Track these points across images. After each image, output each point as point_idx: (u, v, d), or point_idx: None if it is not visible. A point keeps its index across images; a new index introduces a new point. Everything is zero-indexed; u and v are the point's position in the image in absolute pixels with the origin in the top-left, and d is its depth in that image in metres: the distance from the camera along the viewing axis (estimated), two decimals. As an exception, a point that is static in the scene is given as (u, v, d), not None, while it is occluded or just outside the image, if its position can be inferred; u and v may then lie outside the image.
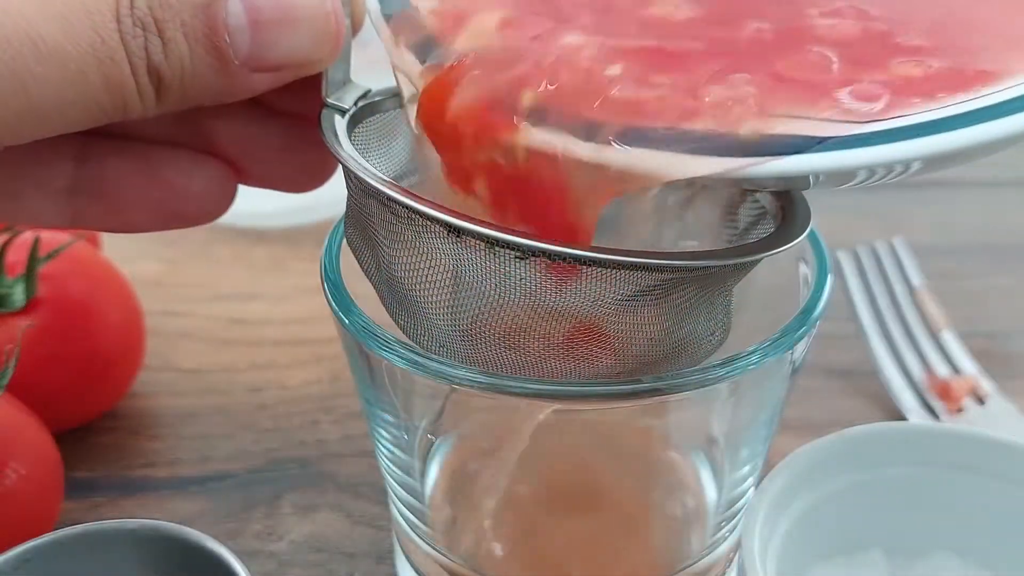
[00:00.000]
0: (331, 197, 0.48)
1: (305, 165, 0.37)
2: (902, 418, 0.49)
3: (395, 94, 0.34)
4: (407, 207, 0.29)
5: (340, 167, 0.31)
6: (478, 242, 0.28)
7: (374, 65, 0.34)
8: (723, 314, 0.32)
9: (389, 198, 0.29)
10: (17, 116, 0.28)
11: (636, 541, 0.38)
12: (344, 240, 0.37)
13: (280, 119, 0.36)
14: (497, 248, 0.28)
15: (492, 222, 0.29)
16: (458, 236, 0.28)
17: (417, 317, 0.31)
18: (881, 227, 0.62)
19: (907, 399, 0.50)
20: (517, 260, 0.28)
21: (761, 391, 0.35)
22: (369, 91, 0.34)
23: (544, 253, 0.28)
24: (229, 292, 0.60)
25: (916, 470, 0.35)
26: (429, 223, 0.29)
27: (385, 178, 0.30)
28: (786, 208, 0.32)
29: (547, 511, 0.37)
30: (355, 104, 0.34)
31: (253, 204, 0.63)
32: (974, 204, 0.69)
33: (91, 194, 0.35)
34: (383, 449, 0.38)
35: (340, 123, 0.33)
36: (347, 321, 0.33)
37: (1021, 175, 0.72)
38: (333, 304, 0.34)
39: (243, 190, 0.38)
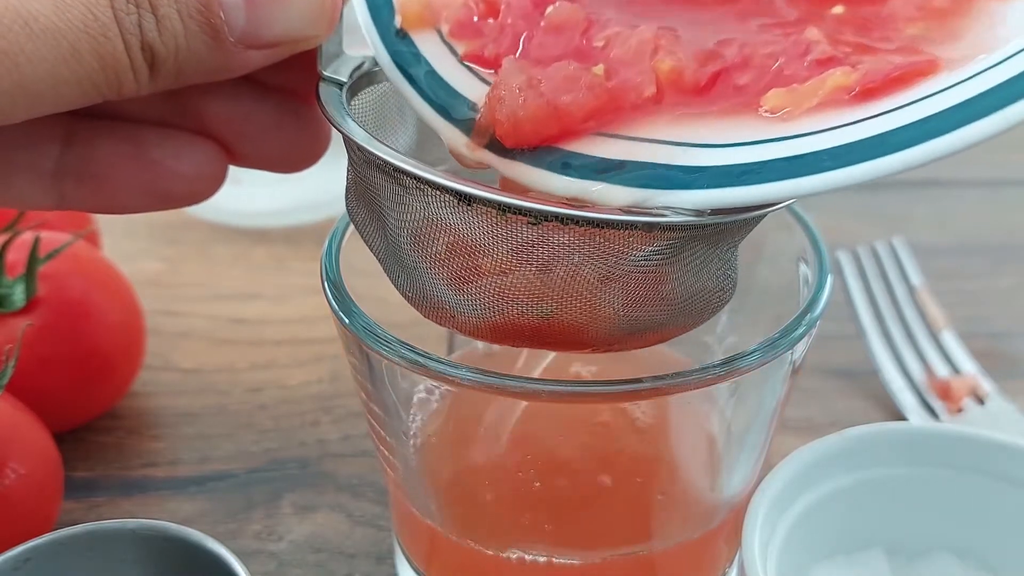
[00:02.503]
0: (331, 197, 0.48)
1: (296, 143, 0.36)
2: (902, 418, 0.49)
3: None
4: (416, 177, 0.29)
5: (331, 145, 0.31)
6: (489, 209, 0.28)
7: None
8: (732, 270, 0.32)
9: (396, 168, 0.29)
10: (9, 95, 0.28)
11: (636, 540, 0.38)
12: (344, 240, 0.37)
13: (271, 96, 0.36)
14: (508, 214, 0.28)
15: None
16: (469, 204, 0.28)
17: (426, 288, 0.31)
18: (881, 227, 0.62)
19: (907, 399, 0.50)
20: (529, 225, 0.28)
21: (761, 391, 0.35)
22: (364, 63, 0.34)
23: (555, 217, 0.28)
24: (229, 292, 0.60)
25: (916, 470, 0.35)
26: (438, 192, 0.29)
27: (391, 148, 0.30)
28: None
29: (546, 509, 0.37)
30: (351, 76, 0.33)
31: (254, 204, 0.64)
32: (974, 204, 0.69)
33: (79, 176, 0.35)
34: (383, 449, 0.38)
35: (339, 96, 0.32)
36: (347, 321, 0.33)
37: (1021, 175, 0.72)
38: (333, 304, 0.34)
39: (243, 190, 0.38)
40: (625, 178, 0.29)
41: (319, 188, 0.38)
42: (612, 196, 0.29)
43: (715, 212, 0.28)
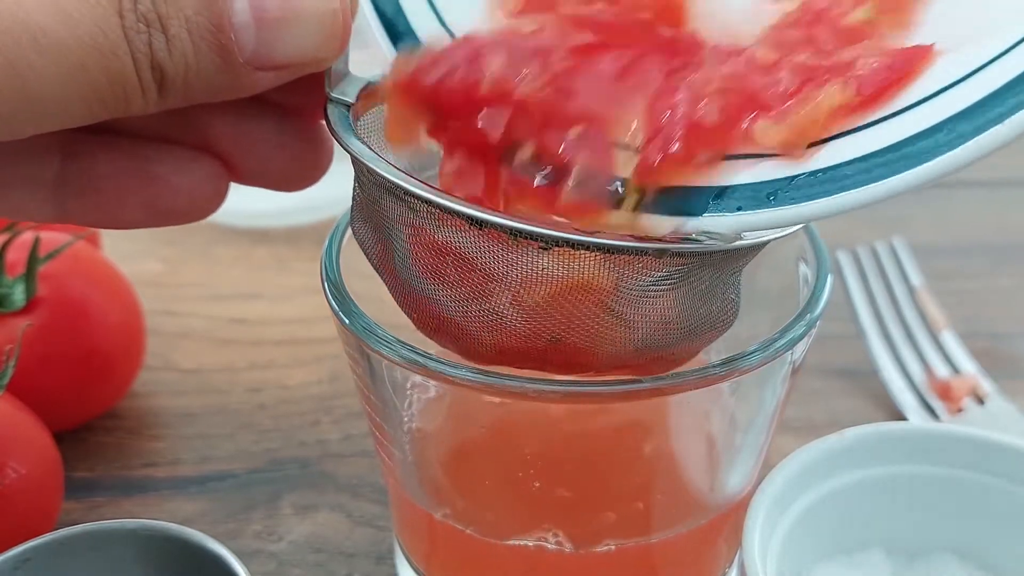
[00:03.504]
0: (331, 197, 0.48)
1: (299, 161, 0.36)
2: (902, 418, 0.49)
3: None
4: (426, 200, 0.29)
5: (332, 164, 0.31)
6: (500, 233, 0.28)
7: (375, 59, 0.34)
8: (735, 295, 0.32)
9: (406, 191, 0.29)
10: (17, 110, 0.27)
11: (635, 539, 0.38)
12: (344, 240, 0.37)
13: (274, 114, 0.36)
14: (520, 238, 0.28)
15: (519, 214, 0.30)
16: (480, 228, 0.28)
17: (433, 310, 0.31)
18: (881, 227, 0.62)
19: (907, 399, 0.50)
20: (540, 250, 0.28)
21: (761, 391, 0.35)
22: (370, 83, 0.34)
23: (567, 243, 0.28)
24: (229, 292, 0.60)
25: (916, 470, 0.35)
26: (448, 215, 0.29)
27: (402, 172, 0.30)
28: None
29: (545, 503, 0.37)
30: (358, 97, 0.33)
31: (254, 204, 0.63)
32: (974, 204, 0.69)
33: (79, 189, 0.35)
34: (382, 439, 0.38)
35: (347, 117, 0.32)
36: (347, 321, 0.33)
37: (1021, 175, 0.72)
38: (333, 304, 0.34)
39: (243, 190, 0.38)
40: (662, 206, 0.29)
41: (319, 189, 0.38)
42: (656, 225, 0.29)
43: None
